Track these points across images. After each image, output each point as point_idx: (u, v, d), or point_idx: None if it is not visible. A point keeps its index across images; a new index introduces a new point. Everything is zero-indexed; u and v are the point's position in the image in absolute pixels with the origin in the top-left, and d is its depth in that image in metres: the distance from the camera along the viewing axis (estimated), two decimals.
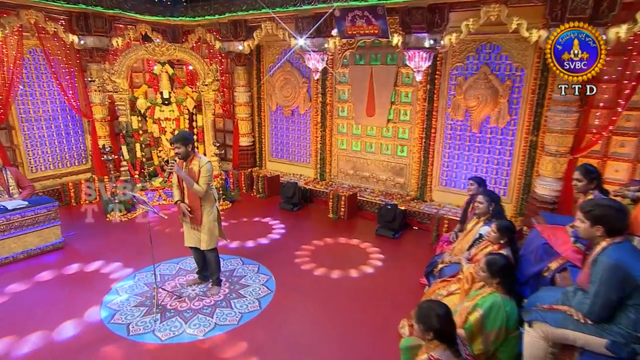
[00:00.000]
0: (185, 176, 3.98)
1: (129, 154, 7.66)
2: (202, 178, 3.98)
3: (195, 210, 4.15)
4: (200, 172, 3.97)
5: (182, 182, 4.17)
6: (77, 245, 5.73)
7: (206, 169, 3.99)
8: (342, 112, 7.82)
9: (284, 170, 8.90)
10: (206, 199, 4.10)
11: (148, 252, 5.23)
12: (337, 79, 7.78)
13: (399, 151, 7.25)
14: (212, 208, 4.19)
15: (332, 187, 7.72)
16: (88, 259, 5.34)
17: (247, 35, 8.01)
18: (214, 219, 4.23)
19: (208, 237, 4.23)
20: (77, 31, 7.34)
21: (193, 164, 4.02)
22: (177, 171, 4.02)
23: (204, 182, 3.98)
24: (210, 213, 4.19)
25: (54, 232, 5.63)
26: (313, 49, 6.86)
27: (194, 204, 4.12)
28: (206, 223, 4.18)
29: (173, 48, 7.88)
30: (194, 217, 4.19)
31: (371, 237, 6.45)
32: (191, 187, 3.95)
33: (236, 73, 8.72)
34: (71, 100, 7.64)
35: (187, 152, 4.01)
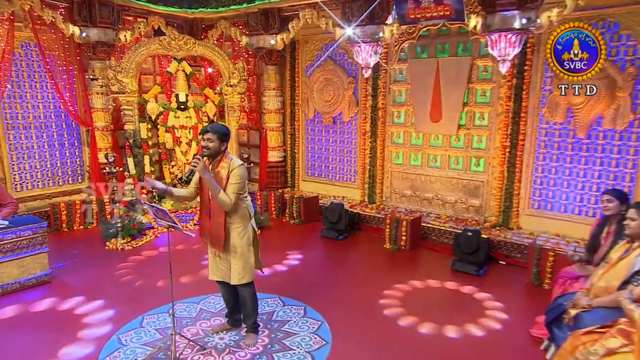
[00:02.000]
0: (212, 180, 3.49)
1: (136, 169, 7.25)
2: (231, 186, 3.51)
3: (218, 230, 3.64)
4: (230, 178, 3.50)
5: (205, 190, 3.65)
6: (67, 280, 5.37)
7: (238, 174, 3.53)
8: (397, 117, 7.45)
9: (321, 191, 8.43)
10: (235, 214, 3.63)
11: (158, 288, 5.02)
12: (392, 77, 7.43)
13: (474, 165, 6.78)
14: (245, 227, 3.70)
15: (386, 212, 7.23)
16: (81, 298, 4.93)
17: (281, 28, 7.77)
18: (248, 242, 3.72)
19: (240, 267, 3.72)
20: (79, 21, 7.17)
21: (221, 166, 3.58)
22: (201, 172, 3.48)
23: (233, 191, 3.51)
24: (242, 234, 3.69)
25: (39, 262, 5.19)
26: (364, 39, 6.47)
27: (217, 221, 3.63)
28: (237, 248, 3.68)
29: (192, 42, 7.64)
30: (215, 239, 3.68)
31: (446, 273, 5.82)
32: (216, 196, 3.48)
33: (266, 74, 8.41)
34: (68, 105, 7.43)
35: (218, 149, 3.55)
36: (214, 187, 3.49)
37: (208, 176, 3.49)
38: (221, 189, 3.50)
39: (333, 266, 5.99)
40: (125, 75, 7.26)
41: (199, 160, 3.48)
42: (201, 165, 3.47)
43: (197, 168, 3.48)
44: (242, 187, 3.60)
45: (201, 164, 3.47)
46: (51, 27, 7.08)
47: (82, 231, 7.18)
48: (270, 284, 5.27)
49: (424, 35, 6.74)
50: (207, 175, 3.49)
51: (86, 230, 7.20)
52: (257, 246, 3.89)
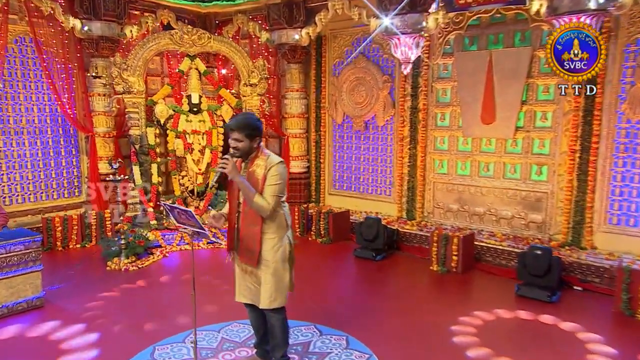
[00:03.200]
0: (245, 182, 3.30)
1: (142, 178, 7.09)
2: (270, 187, 3.32)
3: (250, 241, 3.43)
4: (267, 179, 3.31)
5: (236, 192, 3.47)
6: (63, 304, 5.15)
7: (277, 172, 3.34)
8: (442, 120, 7.25)
9: (350, 206, 8.18)
10: (272, 223, 3.42)
11: (170, 314, 4.84)
12: (435, 74, 7.21)
13: (535, 174, 6.49)
14: (281, 239, 3.48)
15: (429, 229, 6.95)
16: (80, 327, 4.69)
17: (307, 21, 7.66)
18: (282, 257, 3.49)
19: (272, 287, 3.47)
20: (81, 14, 7.11)
21: (256, 164, 3.38)
22: (232, 174, 3.29)
23: (272, 194, 3.31)
24: (276, 247, 3.46)
25: (31, 283, 4.96)
26: (404, 30, 6.34)
27: (249, 231, 3.42)
28: (270, 263, 3.44)
29: (207, 37, 7.55)
30: (246, 252, 3.46)
31: (512, 300, 5.41)
32: (251, 201, 3.30)
33: (289, 73, 8.29)
34: (66, 107, 7.30)
35: (250, 147, 3.36)
36: (248, 190, 3.30)
37: (241, 179, 3.30)
38: (256, 192, 3.30)
39: (374, 291, 5.75)
40: (131, 73, 7.15)
41: (228, 159, 3.28)
42: (231, 166, 3.27)
43: (227, 169, 3.27)
44: (282, 189, 3.40)
45: (231, 164, 3.27)
46: (49, 19, 6.98)
47: (79, 250, 7.00)
48: (302, 310, 4.95)
49: (473, 24, 6.50)
50: (239, 177, 3.30)
51: (84, 249, 7.01)
52: (292, 263, 3.64)
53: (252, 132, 3.34)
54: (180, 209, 3.37)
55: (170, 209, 3.46)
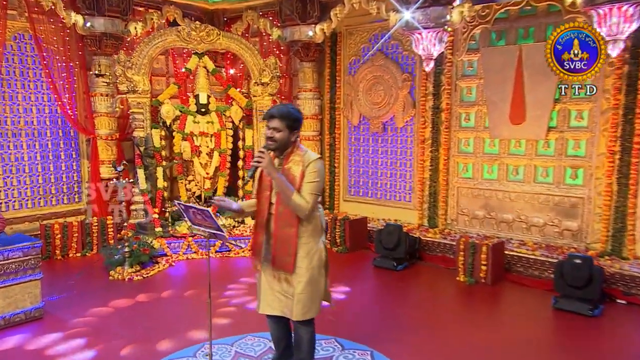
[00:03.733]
0: (282, 178, 3.21)
1: (147, 183, 7.01)
2: (308, 185, 3.24)
3: (285, 245, 3.31)
4: (305, 176, 3.23)
5: (266, 191, 3.36)
6: (63, 316, 5.05)
7: (315, 169, 3.25)
8: (466, 120, 7.15)
9: (367, 213, 8.05)
10: (308, 226, 3.33)
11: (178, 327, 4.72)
12: (459, 71, 7.12)
13: (569, 177, 6.34)
14: (317, 244, 3.38)
15: (453, 237, 6.86)
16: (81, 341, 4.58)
17: (321, 16, 7.59)
18: (319, 264, 3.39)
19: (307, 297, 3.35)
20: (83, 9, 7.01)
21: (292, 161, 3.30)
22: (268, 168, 3.20)
23: (310, 192, 3.23)
24: (311, 252, 3.35)
25: (30, 292, 4.86)
26: (426, 24, 6.26)
27: (284, 234, 3.31)
28: (305, 271, 3.33)
29: (216, 33, 7.50)
30: (281, 258, 3.34)
31: (548, 313, 5.21)
32: (288, 199, 3.21)
33: (301, 72, 8.21)
34: (67, 108, 7.25)
35: (287, 140, 3.26)
36: (285, 187, 3.20)
37: (278, 175, 3.19)
38: (294, 190, 3.20)
39: (397, 302, 5.62)
40: (136, 72, 7.10)
41: (263, 152, 3.19)
42: (267, 160, 3.17)
43: (262, 163, 3.17)
44: (320, 188, 3.32)
45: (267, 158, 3.17)
46: (50, 15, 6.94)
47: (79, 259, 6.93)
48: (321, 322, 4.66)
49: (500, 18, 6.38)
50: (276, 173, 3.19)
51: (84, 258, 6.94)
52: (327, 271, 3.51)
53: (293, 124, 3.25)
54: (196, 208, 3.26)
55: (185, 208, 3.35)
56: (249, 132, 7.79)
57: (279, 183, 3.21)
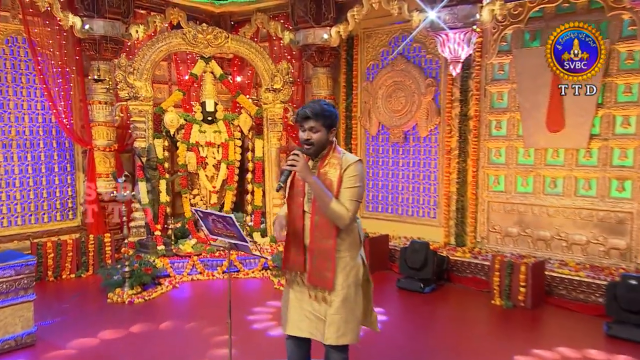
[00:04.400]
0: (319, 183, 3.09)
1: (149, 197, 6.85)
2: (348, 191, 3.09)
3: (322, 259, 3.18)
4: (343, 181, 3.10)
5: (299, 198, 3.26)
6: (57, 342, 4.93)
7: (355, 173, 3.11)
8: (497, 129, 7.06)
9: (386, 231, 7.83)
10: (346, 237, 3.19)
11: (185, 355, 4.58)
12: (489, 75, 7.05)
13: (615, 190, 6.17)
14: (354, 259, 3.24)
15: (484, 256, 6.71)
16: None
17: (337, 18, 7.56)
18: (356, 281, 3.23)
19: (342, 318, 3.16)
20: (82, 11, 6.97)
21: (329, 164, 3.17)
22: (303, 172, 3.10)
23: (350, 198, 3.08)
24: (348, 267, 3.20)
25: (21, 316, 4.70)
26: (453, 24, 6.20)
27: (321, 246, 3.17)
28: (340, 289, 3.16)
29: (224, 36, 7.46)
30: (317, 273, 3.19)
31: (601, 341, 4.93)
32: (326, 207, 3.07)
33: (315, 78, 8.17)
34: (62, 117, 7.18)
35: (325, 142, 3.15)
36: (323, 193, 3.07)
37: (314, 178, 3.07)
38: (332, 196, 3.07)
39: (426, 328, 5.47)
40: (137, 77, 7.01)
41: (298, 155, 3.08)
42: (303, 164, 3.05)
43: (297, 167, 3.05)
44: (361, 194, 3.16)
45: (302, 161, 3.06)
46: (45, 17, 6.93)
47: (74, 281, 6.79)
48: None
49: (535, 17, 6.34)
50: (312, 178, 3.07)
51: (79, 280, 6.81)
52: (369, 289, 3.37)
53: (331, 123, 3.12)
54: (216, 215, 3.15)
55: (204, 215, 3.24)
56: (259, 143, 7.64)
57: (315, 189, 3.07)
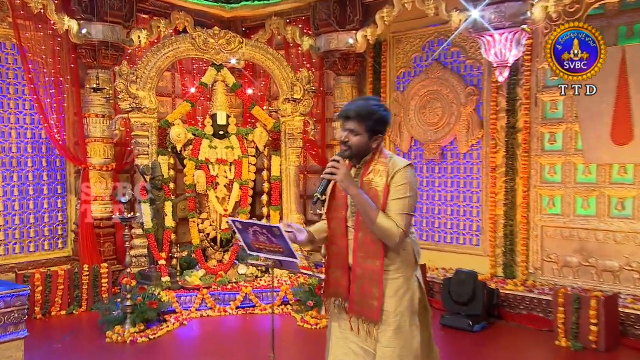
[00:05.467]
0: (363, 196, 2.99)
1: (153, 221, 6.63)
2: (397, 202, 2.99)
3: (367, 284, 3.07)
4: (391, 191, 2.98)
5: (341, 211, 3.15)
6: None
7: (405, 181, 3.01)
8: (552, 142, 6.86)
9: (423, 261, 7.33)
10: (396, 256, 3.08)
11: None
12: (541, 81, 6.87)
13: None
14: (408, 280, 3.11)
15: (541, 290, 6.45)
16: None
17: (364, 21, 7.47)
18: (411, 308, 3.09)
19: (395, 352, 3.03)
20: (78, 13, 6.90)
21: (374, 171, 3.07)
22: (345, 181, 2.98)
23: (400, 212, 2.97)
24: (401, 291, 3.06)
25: (10, 356, 4.45)
26: (499, 24, 6.11)
27: (366, 269, 3.07)
28: (392, 318, 3.04)
29: (238, 41, 7.41)
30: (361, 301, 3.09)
31: None
32: (372, 223, 2.95)
33: (339, 89, 8.07)
34: (54, 132, 7.04)
35: (366, 147, 3.06)
36: (368, 206, 2.94)
37: (358, 190, 2.96)
38: (378, 210, 2.95)
39: None
40: (141, 87, 6.87)
41: (339, 162, 2.97)
42: (344, 171, 2.95)
43: (338, 175, 2.93)
44: (413, 206, 3.04)
45: (344, 169, 2.96)
46: (38, 21, 6.88)
47: (64, 318, 6.59)
48: None
49: (594, 14, 6.16)
50: (355, 189, 2.96)
51: (71, 317, 6.61)
52: (428, 318, 3.23)
53: (375, 126, 2.99)
54: (260, 225, 3.05)
55: (243, 227, 3.11)
56: (276, 160, 7.44)
57: (359, 202, 2.92)
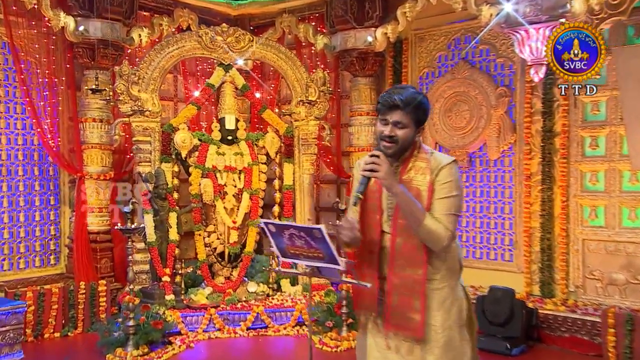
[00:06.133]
0: (408, 195, 2.93)
1: (157, 234, 6.52)
2: (442, 202, 2.96)
3: (407, 296, 3.02)
4: (435, 190, 2.98)
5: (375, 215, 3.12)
6: None
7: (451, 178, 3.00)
8: (593, 147, 6.70)
9: None
10: (441, 263, 3.06)
11: None
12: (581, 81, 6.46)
13: None
14: (453, 290, 3.09)
15: (584, 309, 6.28)
16: None
17: (384, 17, 7.41)
18: (459, 320, 3.07)
19: None
20: (75, 9, 6.89)
21: (415, 168, 3.06)
22: (388, 180, 2.91)
23: (446, 212, 2.95)
24: (447, 302, 3.05)
25: None
26: (536, 17, 6.06)
27: (406, 277, 3.02)
28: (440, 332, 3.01)
29: (248, 38, 7.35)
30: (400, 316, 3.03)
31: None
32: (418, 225, 2.89)
33: (355, 91, 7.94)
34: (47, 137, 7.00)
35: (410, 141, 3.02)
36: (414, 207, 2.87)
37: (402, 188, 2.88)
38: (424, 210, 2.91)
39: None
40: (143, 88, 6.81)
41: (379, 157, 2.87)
42: (386, 168, 2.87)
43: (380, 172, 2.83)
44: (460, 206, 3.05)
45: (386, 165, 2.88)
46: (32, 18, 6.86)
47: (58, 341, 6.47)
48: None
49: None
50: (399, 187, 2.89)
51: (66, 340, 6.48)
52: (473, 332, 3.17)
53: (422, 117, 2.96)
54: (297, 227, 2.90)
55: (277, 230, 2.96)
56: (288, 168, 7.28)
57: (404, 202, 2.83)
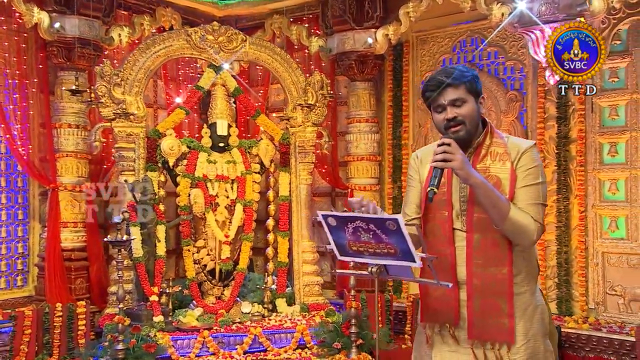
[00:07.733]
0: (487, 184, 2.88)
1: (144, 249, 6.50)
2: (527, 191, 2.95)
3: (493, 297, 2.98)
4: (518, 177, 2.96)
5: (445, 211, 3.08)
6: None
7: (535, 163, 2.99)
8: (612, 154, 6.73)
9: None
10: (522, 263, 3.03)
11: None
12: (597, 83, 6.78)
13: None
14: (534, 294, 3.07)
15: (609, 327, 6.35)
16: None
17: (384, 18, 7.48)
18: (542, 328, 3.04)
19: None
20: (51, 5, 6.93)
21: (490, 154, 3.02)
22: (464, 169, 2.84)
23: (533, 201, 2.93)
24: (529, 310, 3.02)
25: None
26: (552, 16, 6.18)
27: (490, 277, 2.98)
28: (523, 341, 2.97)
29: (241, 38, 7.32)
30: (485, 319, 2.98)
31: None
32: (503, 218, 2.84)
33: (354, 96, 7.98)
34: (17, 144, 6.99)
35: (477, 117, 2.98)
36: (495, 196, 2.83)
37: (481, 178, 2.83)
38: (507, 200, 2.87)
39: None
40: (127, 90, 6.73)
41: (450, 145, 2.81)
42: (461, 156, 2.80)
43: (455, 162, 2.77)
44: (546, 194, 3.03)
45: (459, 153, 2.81)
46: (1, 12, 6.89)
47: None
48: None
49: None
50: (477, 176, 2.83)
51: None
52: (555, 341, 3.19)
53: (476, 86, 2.90)
54: (366, 218, 2.63)
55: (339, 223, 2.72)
56: (284, 177, 7.27)
57: (485, 193, 2.77)
